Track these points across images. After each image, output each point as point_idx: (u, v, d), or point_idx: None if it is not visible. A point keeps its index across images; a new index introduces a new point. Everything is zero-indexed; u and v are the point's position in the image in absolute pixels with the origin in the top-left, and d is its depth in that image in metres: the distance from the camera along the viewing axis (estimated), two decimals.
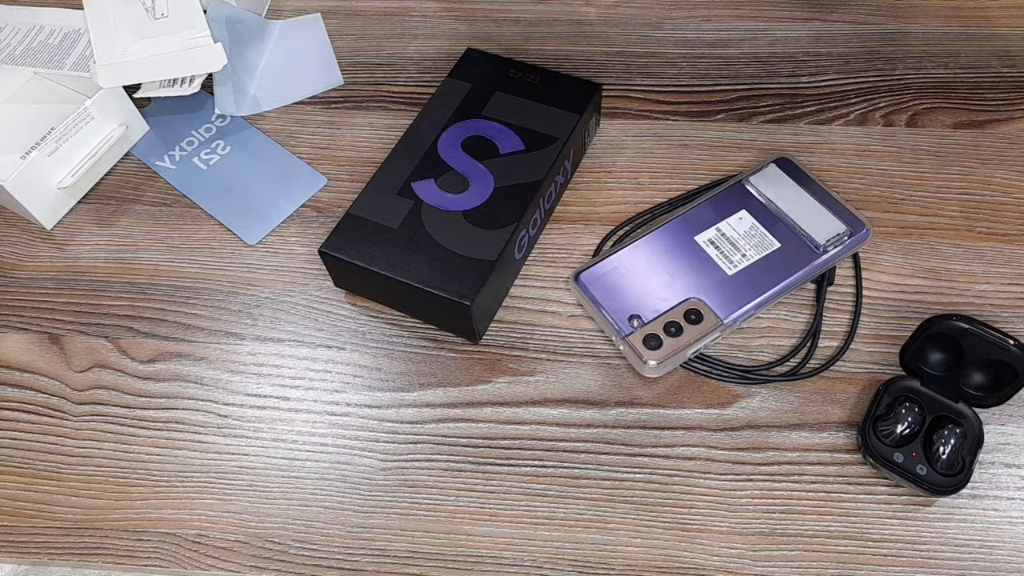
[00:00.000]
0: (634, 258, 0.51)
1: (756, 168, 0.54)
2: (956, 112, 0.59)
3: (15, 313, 0.54)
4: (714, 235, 0.51)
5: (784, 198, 0.52)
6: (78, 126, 0.57)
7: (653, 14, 0.66)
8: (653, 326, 0.48)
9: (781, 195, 0.52)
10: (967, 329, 0.45)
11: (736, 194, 0.53)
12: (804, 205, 0.52)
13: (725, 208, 0.52)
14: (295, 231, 0.56)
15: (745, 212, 0.52)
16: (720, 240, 0.51)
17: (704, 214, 0.52)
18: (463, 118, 0.55)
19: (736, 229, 0.51)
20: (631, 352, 0.48)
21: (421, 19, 0.67)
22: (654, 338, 0.48)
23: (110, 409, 0.50)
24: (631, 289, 0.50)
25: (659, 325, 0.48)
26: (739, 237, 0.51)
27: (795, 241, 0.51)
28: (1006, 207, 0.55)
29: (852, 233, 0.51)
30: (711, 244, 0.51)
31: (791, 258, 0.50)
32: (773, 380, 0.48)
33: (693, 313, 0.48)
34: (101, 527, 0.46)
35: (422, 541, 0.45)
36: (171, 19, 0.58)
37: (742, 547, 0.44)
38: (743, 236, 0.51)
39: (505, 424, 0.48)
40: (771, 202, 0.52)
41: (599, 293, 0.50)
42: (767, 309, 0.51)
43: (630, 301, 0.49)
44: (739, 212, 0.52)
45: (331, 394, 0.50)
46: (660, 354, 0.47)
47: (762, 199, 0.52)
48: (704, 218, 0.52)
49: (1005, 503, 0.45)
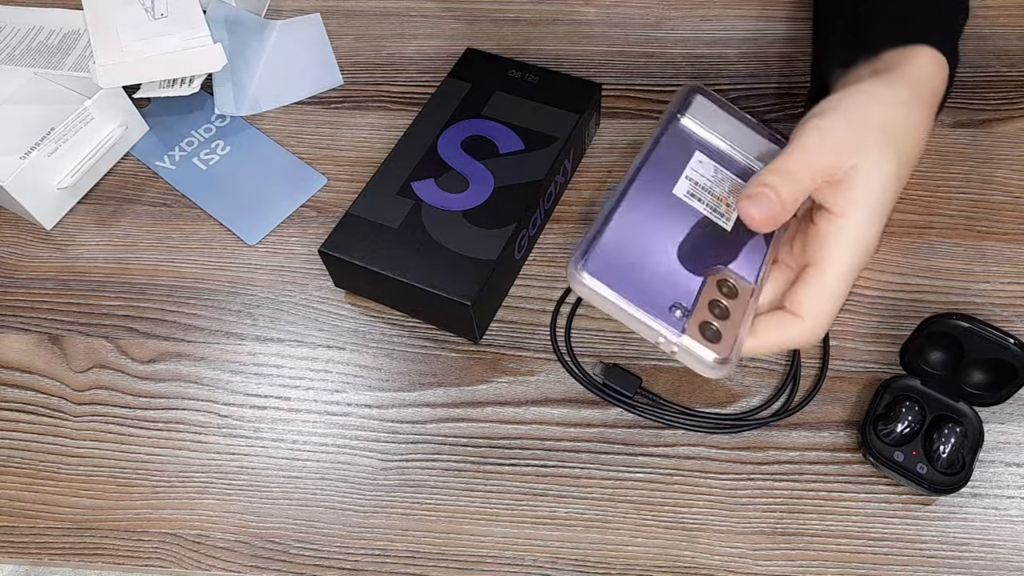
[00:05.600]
0: (629, 226, 0.41)
1: (678, 103, 0.47)
2: (956, 111, 0.59)
3: (15, 313, 0.54)
4: (689, 186, 0.43)
5: (722, 132, 0.46)
6: (78, 126, 0.56)
7: (653, 14, 0.66)
8: (701, 311, 0.39)
9: (718, 129, 0.46)
10: (967, 328, 0.45)
11: (678, 136, 0.45)
12: (741, 135, 0.46)
13: (677, 153, 0.45)
14: (295, 231, 0.56)
15: (699, 153, 0.45)
16: (698, 191, 0.44)
17: (662, 164, 0.44)
18: (463, 118, 0.55)
19: (703, 175, 0.44)
20: (690, 352, 0.38)
21: (421, 19, 0.67)
22: (710, 329, 0.38)
23: (110, 409, 0.50)
24: (649, 269, 0.40)
25: (705, 309, 0.39)
26: (711, 184, 0.44)
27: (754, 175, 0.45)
28: (1006, 206, 0.55)
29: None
30: (693, 197, 0.43)
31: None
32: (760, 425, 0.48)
33: (726, 286, 0.40)
34: (101, 527, 0.46)
35: (423, 541, 0.45)
36: (171, 19, 0.58)
37: (743, 546, 0.44)
38: (714, 182, 0.44)
39: (506, 424, 0.48)
40: (712, 137, 0.46)
41: (622, 285, 0.38)
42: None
43: (659, 286, 0.39)
44: (694, 155, 0.45)
45: (331, 394, 0.50)
46: (725, 347, 0.38)
47: (704, 136, 0.46)
48: (666, 169, 0.44)
49: (1005, 502, 0.45)
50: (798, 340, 0.40)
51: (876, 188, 0.40)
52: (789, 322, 0.40)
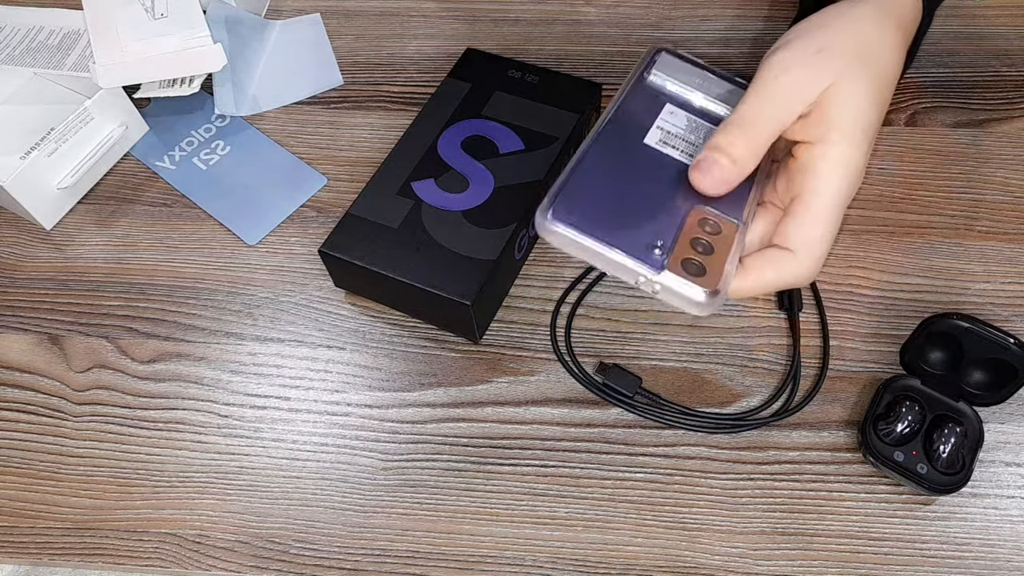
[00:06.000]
0: (599, 174, 0.39)
1: (644, 62, 0.46)
2: (956, 111, 0.59)
3: (15, 313, 0.54)
4: (661, 135, 0.42)
5: (691, 84, 0.45)
6: (78, 126, 0.56)
7: (653, 14, 0.66)
8: (682, 249, 0.37)
9: (687, 81, 0.45)
10: (967, 328, 0.45)
11: (646, 92, 0.44)
12: (712, 85, 0.45)
13: (646, 109, 0.43)
14: (295, 231, 0.56)
15: (670, 106, 0.44)
16: (670, 139, 0.42)
17: (630, 120, 0.43)
18: (463, 118, 0.55)
19: (676, 125, 0.43)
20: (673, 290, 0.36)
21: (421, 19, 0.67)
22: (693, 264, 0.36)
23: (110, 409, 0.50)
24: (622, 212, 0.38)
25: (686, 246, 0.37)
26: (685, 131, 0.43)
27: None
28: (1006, 206, 0.55)
29: None
30: (666, 145, 0.42)
31: None
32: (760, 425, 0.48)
33: (707, 224, 0.38)
34: (101, 527, 0.46)
35: (423, 541, 0.45)
36: (171, 19, 0.58)
37: (743, 546, 0.44)
38: (688, 130, 0.43)
39: (506, 424, 0.48)
40: (682, 90, 0.45)
41: (593, 228, 0.37)
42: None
43: (634, 226, 0.37)
44: (665, 108, 0.44)
45: (331, 394, 0.50)
46: (712, 279, 0.36)
47: (673, 90, 0.45)
48: (635, 123, 0.42)
49: (1005, 501, 0.45)
50: (792, 276, 0.38)
51: (854, 108, 0.38)
52: (780, 257, 0.38)
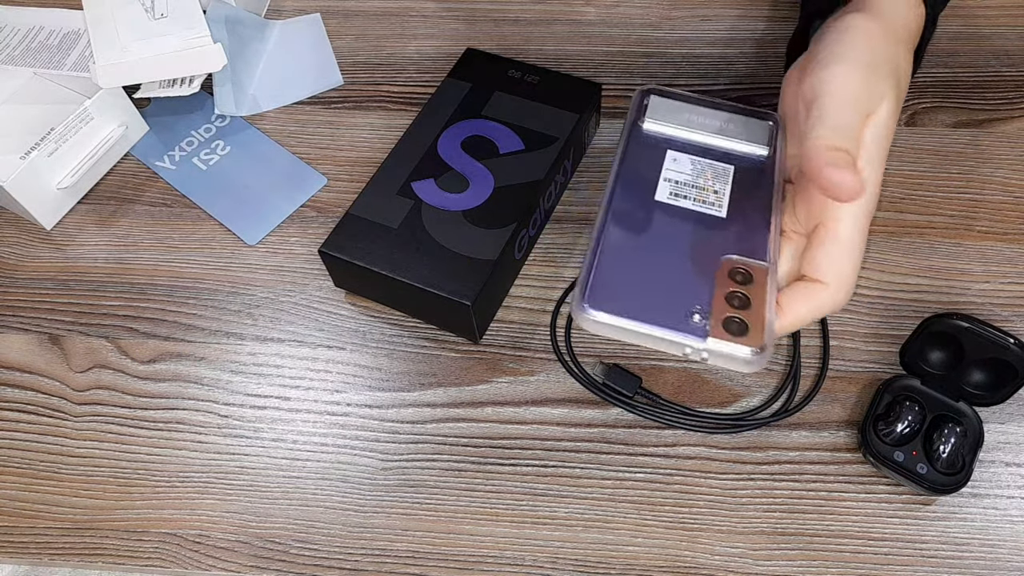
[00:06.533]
0: (621, 248, 0.40)
1: (635, 110, 0.46)
2: (956, 111, 0.59)
3: (15, 313, 0.54)
4: (670, 187, 0.42)
5: (687, 123, 0.45)
6: (78, 126, 0.57)
7: (653, 14, 0.66)
8: (720, 307, 0.37)
9: (682, 121, 0.45)
10: (967, 328, 0.45)
11: (645, 142, 0.45)
12: (708, 119, 0.45)
13: (649, 161, 0.44)
14: (295, 231, 0.56)
15: (672, 152, 0.44)
16: (680, 189, 0.42)
17: (636, 173, 0.43)
18: (463, 118, 0.55)
19: (682, 171, 0.43)
20: (721, 353, 0.36)
21: (421, 19, 0.67)
22: (734, 323, 0.37)
23: (110, 409, 0.50)
24: (654, 284, 0.38)
25: (723, 304, 0.37)
26: (692, 177, 0.43)
27: (741, 156, 0.45)
28: (1006, 206, 0.55)
29: (776, 120, 0.46)
30: (677, 196, 0.42)
31: (755, 171, 0.44)
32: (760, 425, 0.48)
33: (738, 274, 0.39)
34: (101, 527, 0.46)
35: (423, 541, 0.45)
36: (171, 19, 0.58)
37: (743, 546, 0.44)
38: (695, 175, 0.43)
39: (506, 424, 0.48)
40: (680, 131, 0.45)
41: (631, 310, 0.37)
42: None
43: (669, 297, 0.38)
44: (667, 156, 0.44)
45: (331, 394, 0.50)
46: (755, 336, 0.36)
47: (670, 133, 0.45)
48: (641, 177, 0.43)
49: (1005, 501, 0.45)
50: (828, 306, 0.38)
51: (881, 127, 0.38)
52: (814, 290, 0.38)
